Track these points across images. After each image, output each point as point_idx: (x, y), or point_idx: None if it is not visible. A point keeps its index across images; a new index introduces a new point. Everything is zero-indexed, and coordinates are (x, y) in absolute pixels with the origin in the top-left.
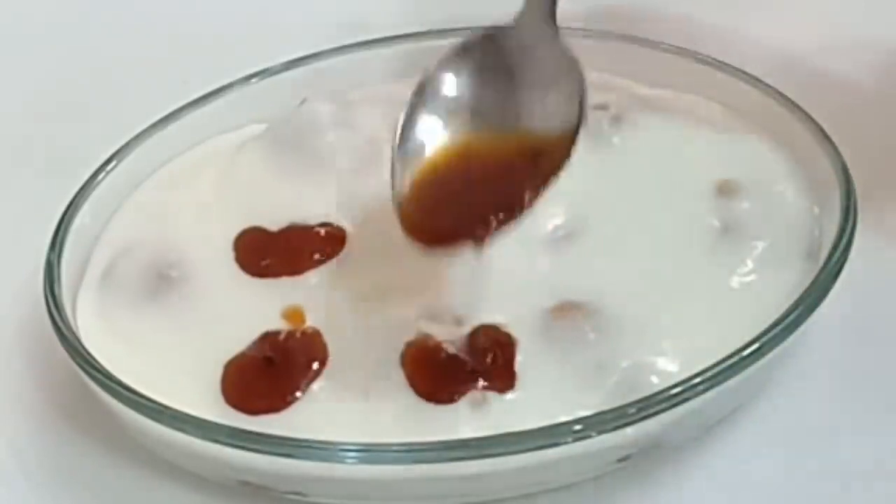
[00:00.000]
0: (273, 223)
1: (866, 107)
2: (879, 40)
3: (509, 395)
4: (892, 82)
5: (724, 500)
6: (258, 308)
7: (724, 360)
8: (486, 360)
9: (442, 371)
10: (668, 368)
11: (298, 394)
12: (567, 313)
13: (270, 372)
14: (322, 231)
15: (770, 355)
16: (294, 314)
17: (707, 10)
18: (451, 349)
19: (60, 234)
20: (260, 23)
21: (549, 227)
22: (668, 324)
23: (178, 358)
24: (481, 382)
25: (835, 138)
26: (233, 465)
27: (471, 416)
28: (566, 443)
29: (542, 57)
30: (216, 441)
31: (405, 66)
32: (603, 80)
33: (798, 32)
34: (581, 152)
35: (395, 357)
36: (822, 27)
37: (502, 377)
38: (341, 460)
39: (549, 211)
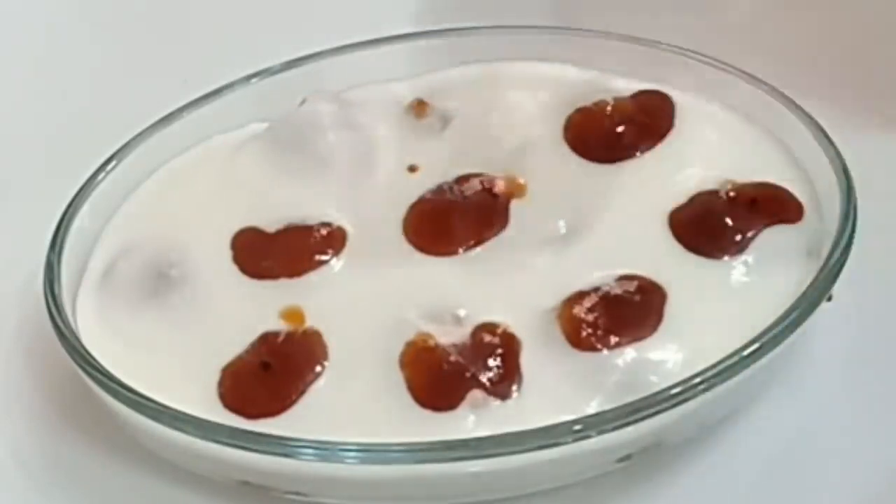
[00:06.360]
0: (273, 223)
1: (866, 107)
2: (880, 41)
3: (510, 396)
4: (892, 82)
5: (724, 499)
6: (258, 309)
7: (724, 360)
8: (488, 364)
9: (443, 382)
10: (668, 368)
11: (297, 397)
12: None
13: (268, 376)
14: (322, 231)
15: (770, 355)
16: (294, 315)
17: (707, 9)
18: (452, 357)
19: (60, 234)
20: (260, 23)
21: (550, 226)
22: (668, 323)
23: (178, 359)
24: (485, 383)
25: (835, 138)
26: (233, 465)
27: (471, 417)
28: (566, 443)
29: None
30: (216, 441)
31: (405, 66)
32: (603, 79)
33: (798, 32)
34: None
35: (395, 357)
36: (823, 27)
37: (506, 379)
38: (341, 460)
39: (550, 210)
